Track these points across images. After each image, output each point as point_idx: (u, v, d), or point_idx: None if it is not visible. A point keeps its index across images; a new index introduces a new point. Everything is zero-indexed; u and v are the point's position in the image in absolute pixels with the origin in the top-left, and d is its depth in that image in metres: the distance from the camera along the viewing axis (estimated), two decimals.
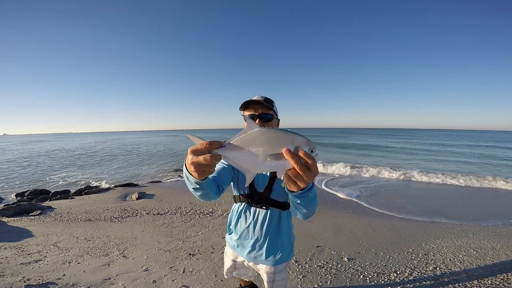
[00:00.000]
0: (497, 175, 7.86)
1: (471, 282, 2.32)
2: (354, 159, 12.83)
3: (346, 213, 4.37)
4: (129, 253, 2.96)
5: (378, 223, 3.87)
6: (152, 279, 2.37)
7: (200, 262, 2.70)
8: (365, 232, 3.52)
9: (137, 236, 3.53)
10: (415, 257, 2.80)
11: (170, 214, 4.56)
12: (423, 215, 4.27)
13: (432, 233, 3.47)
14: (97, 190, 6.95)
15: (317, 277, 2.41)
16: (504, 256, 2.81)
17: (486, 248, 3.01)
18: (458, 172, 8.50)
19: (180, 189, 6.66)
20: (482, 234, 3.44)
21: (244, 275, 1.49)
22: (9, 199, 6.64)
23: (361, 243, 3.16)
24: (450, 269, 2.56)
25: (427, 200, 5.33)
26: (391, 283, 2.32)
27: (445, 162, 12.35)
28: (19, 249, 3.03)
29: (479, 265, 2.63)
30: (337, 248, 3.00)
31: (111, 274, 2.47)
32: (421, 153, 16.81)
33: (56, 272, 2.48)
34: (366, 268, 2.57)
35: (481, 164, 11.86)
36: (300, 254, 2.85)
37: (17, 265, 2.60)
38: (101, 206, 5.20)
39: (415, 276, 2.42)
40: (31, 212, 4.85)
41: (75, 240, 3.41)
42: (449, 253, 2.90)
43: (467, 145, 24.66)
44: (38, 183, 8.96)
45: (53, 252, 2.98)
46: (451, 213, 4.40)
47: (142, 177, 9.47)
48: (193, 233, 3.56)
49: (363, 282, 2.33)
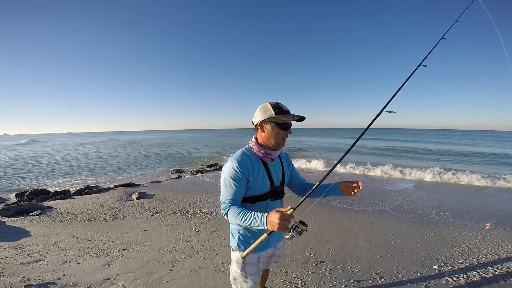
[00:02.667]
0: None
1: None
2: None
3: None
4: (129, 253, 2.96)
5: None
6: (152, 279, 2.37)
7: (200, 262, 2.70)
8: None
9: (137, 236, 3.53)
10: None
11: (170, 214, 4.56)
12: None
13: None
14: (97, 190, 6.95)
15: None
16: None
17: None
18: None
19: (180, 189, 6.66)
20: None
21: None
22: (9, 199, 6.64)
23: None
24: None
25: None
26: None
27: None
28: (19, 249, 3.03)
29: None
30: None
31: (111, 274, 2.46)
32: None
33: (56, 272, 2.48)
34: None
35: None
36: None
37: (17, 265, 2.60)
38: (101, 206, 5.20)
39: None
40: (31, 212, 4.85)
41: (75, 240, 3.40)
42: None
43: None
44: (39, 183, 8.97)
45: (53, 252, 2.98)
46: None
47: (142, 177, 9.48)
48: (193, 233, 3.56)
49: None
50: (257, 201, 1.34)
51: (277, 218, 1.03)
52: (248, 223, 1.16)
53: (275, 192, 1.39)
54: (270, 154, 1.34)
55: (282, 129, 1.29)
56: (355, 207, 4.70)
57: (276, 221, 1.04)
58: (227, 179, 1.26)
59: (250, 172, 1.28)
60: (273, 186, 1.37)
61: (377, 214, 4.28)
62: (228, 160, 1.33)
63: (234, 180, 1.24)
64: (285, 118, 1.27)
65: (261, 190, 1.33)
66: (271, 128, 1.29)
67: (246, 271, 1.39)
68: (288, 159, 1.57)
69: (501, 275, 2.41)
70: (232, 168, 1.25)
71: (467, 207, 4.67)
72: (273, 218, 1.05)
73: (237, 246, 1.38)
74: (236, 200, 1.28)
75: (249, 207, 1.30)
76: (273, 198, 1.39)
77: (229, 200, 1.27)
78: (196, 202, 5.26)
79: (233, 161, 1.27)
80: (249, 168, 1.28)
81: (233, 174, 1.24)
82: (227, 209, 1.25)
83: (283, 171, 1.46)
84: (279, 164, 1.44)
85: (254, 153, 1.35)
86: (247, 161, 1.29)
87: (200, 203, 5.13)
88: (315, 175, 8.62)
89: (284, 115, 1.26)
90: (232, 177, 1.24)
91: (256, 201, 1.34)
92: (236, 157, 1.30)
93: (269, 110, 1.27)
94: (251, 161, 1.31)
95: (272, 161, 1.37)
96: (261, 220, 1.10)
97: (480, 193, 5.89)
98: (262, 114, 1.30)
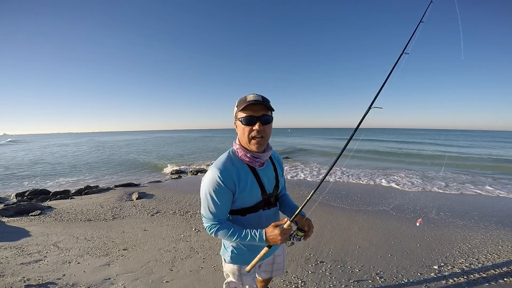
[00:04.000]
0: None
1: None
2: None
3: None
4: (129, 253, 2.96)
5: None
6: (152, 279, 2.37)
7: (200, 262, 2.70)
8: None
9: (137, 236, 3.53)
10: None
11: (170, 214, 4.56)
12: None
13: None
14: (97, 190, 6.95)
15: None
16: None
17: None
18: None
19: (180, 189, 6.66)
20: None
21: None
22: (9, 199, 6.64)
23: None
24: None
25: None
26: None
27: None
28: (19, 249, 3.03)
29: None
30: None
31: (111, 274, 2.46)
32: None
33: (56, 272, 2.48)
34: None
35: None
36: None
37: (17, 265, 2.60)
38: (101, 206, 5.20)
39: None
40: (31, 212, 4.85)
41: (75, 240, 3.40)
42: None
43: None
44: (39, 183, 8.97)
45: (53, 252, 2.98)
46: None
47: (142, 177, 9.47)
48: (193, 233, 3.56)
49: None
50: (248, 213, 1.17)
51: (278, 235, 1.02)
52: (244, 241, 1.08)
53: (268, 200, 1.21)
54: (259, 158, 1.12)
55: (247, 125, 1.06)
56: (355, 207, 4.70)
57: (277, 237, 1.02)
58: (208, 193, 1.06)
59: (236, 182, 1.08)
60: (265, 194, 1.18)
61: (377, 214, 4.28)
62: (208, 169, 1.11)
63: (217, 194, 1.06)
64: (247, 113, 1.05)
65: (251, 201, 1.15)
66: (239, 125, 1.10)
67: (243, 281, 1.31)
68: (280, 161, 1.38)
69: (501, 275, 2.41)
70: (213, 179, 1.05)
71: (467, 207, 4.67)
72: (274, 235, 1.03)
73: (230, 260, 1.25)
74: (222, 217, 1.12)
75: (239, 221, 1.17)
76: (266, 208, 1.21)
77: (213, 219, 1.10)
78: (196, 202, 5.26)
79: (214, 170, 1.06)
80: (234, 177, 1.08)
81: (214, 186, 1.05)
82: (214, 228, 1.10)
83: (276, 175, 1.25)
84: (271, 167, 1.24)
85: (239, 158, 1.13)
86: (231, 168, 1.08)
87: (200, 203, 5.13)
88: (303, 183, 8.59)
89: (245, 109, 1.05)
90: (214, 190, 1.05)
91: (246, 213, 1.17)
92: (217, 165, 1.08)
93: (238, 105, 1.09)
94: (236, 167, 1.10)
95: (262, 166, 1.16)
96: (261, 238, 1.06)
97: (480, 193, 5.89)
98: (235, 109, 1.11)
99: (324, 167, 10.07)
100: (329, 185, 6.57)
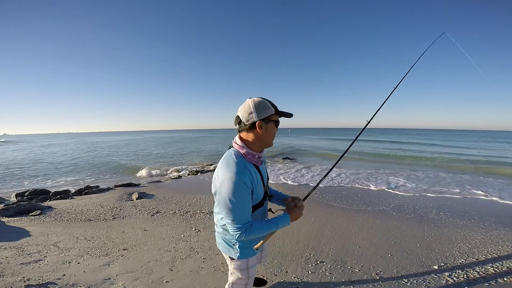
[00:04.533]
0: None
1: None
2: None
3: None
4: (129, 253, 2.96)
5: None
6: (152, 279, 2.37)
7: (200, 262, 2.70)
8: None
9: (137, 236, 3.53)
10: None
11: (170, 214, 4.56)
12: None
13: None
14: (97, 190, 6.95)
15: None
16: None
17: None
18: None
19: (180, 189, 6.65)
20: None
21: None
22: (9, 199, 6.64)
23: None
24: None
25: None
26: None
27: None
28: (19, 249, 3.03)
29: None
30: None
31: (111, 274, 2.46)
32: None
33: (56, 272, 2.48)
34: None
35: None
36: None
37: (17, 265, 2.60)
38: (101, 206, 5.20)
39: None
40: (31, 212, 4.84)
41: (75, 240, 3.40)
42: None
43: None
44: (39, 183, 8.96)
45: (53, 252, 2.98)
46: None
47: (142, 177, 9.47)
48: (193, 233, 3.56)
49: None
50: (256, 208, 1.23)
51: (301, 213, 1.30)
52: (274, 230, 1.22)
53: (266, 193, 1.35)
54: (261, 157, 1.23)
55: (277, 127, 1.24)
56: (355, 207, 4.70)
57: (300, 214, 1.30)
58: (235, 199, 1.05)
59: (253, 183, 1.13)
60: (265, 188, 1.32)
61: (377, 214, 4.28)
62: (221, 175, 1.11)
63: (245, 197, 1.08)
64: (278, 116, 1.23)
65: (259, 197, 1.23)
66: (271, 128, 1.19)
67: (250, 273, 1.37)
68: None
69: (501, 275, 2.41)
70: (238, 184, 1.05)
71: (467, 207, 4.67)
72: (298, 214, 1.29)
73: (240, 255, 1.28)
74: (250, 217, 1.14)
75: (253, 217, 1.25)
76: (264, 200, 1.33)
77: (246, 222, 1.10)
78: (196, 202, 5.26)
79: (232, 175, 1.06)
80: (251, 178, 1.12)
81: (241, 191, 1.06)
82: (249, 229, 1.11)
83: (265, 168, 1.41)
84: (264, 163, 1.40)
85: (245, 159, 1.17)
86: (245, 170, 1.11)
87: (200, 203, 5.13)
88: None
89: (280, 112, 1.22)
90: (242, 194, 1.06)
91: (255, 209, 1.22)
92: (233, 169, 1.08)
93: (268, 107, 1.15)
94: (248, 169, 1.13)
95: (262, 163, 1.27)
96: (287, 220, 1.24)
97: (480, 194, 5.89)
98: (262, 112, 1.13)
99: (324, 167, 10.07)
100: (329, 185, 6.57)
